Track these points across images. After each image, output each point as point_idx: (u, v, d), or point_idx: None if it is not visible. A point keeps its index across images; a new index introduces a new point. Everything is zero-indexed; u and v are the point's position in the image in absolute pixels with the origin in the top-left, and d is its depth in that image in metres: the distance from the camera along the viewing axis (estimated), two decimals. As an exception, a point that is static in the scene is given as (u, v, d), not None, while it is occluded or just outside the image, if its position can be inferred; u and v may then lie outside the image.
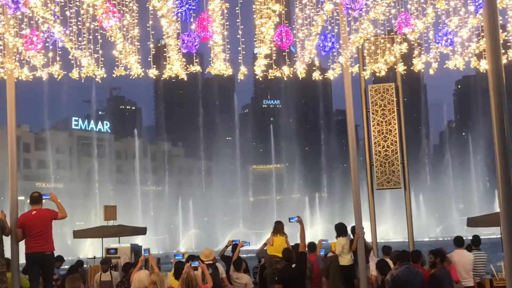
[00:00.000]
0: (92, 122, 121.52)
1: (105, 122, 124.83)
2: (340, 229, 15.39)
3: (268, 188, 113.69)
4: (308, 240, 16.29)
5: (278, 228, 15.89)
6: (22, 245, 13.05)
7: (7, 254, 13.01)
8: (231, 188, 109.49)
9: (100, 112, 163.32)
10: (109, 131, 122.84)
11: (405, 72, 14.73)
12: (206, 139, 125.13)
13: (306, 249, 15.23)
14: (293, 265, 14.01)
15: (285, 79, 14.26)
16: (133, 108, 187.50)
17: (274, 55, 13.59)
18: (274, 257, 15.19)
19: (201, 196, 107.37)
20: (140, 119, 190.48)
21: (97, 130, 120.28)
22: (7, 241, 12.86)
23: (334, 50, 13.95)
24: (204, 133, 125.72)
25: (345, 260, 15.17)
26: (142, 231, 28.02)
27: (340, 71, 14.16)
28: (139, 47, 13.15)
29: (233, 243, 17.95)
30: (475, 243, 16.69)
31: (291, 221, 15.51)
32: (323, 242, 17.14)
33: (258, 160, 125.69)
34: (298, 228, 15.05)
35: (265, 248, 16.02)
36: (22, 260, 13.11)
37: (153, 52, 13.36)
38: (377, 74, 14.40)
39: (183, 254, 15.06)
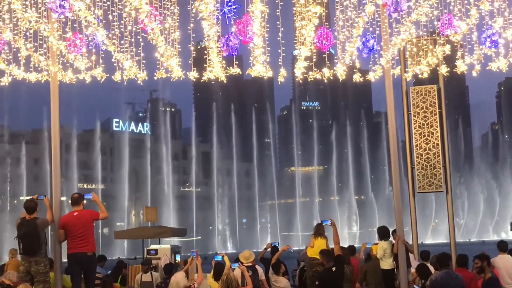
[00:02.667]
0: (133, 123, 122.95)
1: (145, 123, 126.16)
2: (382, 233, 15.26)
3: (307, 190, 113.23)
4: (348, 243, 16.20)
5: (319, 231, 15.83)
6: (64, 245, 13.23)
7: (50, 254, 13.23)
8: (269, 190, 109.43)
9: (140, 114, 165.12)
10: (149, 132, 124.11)
11: (447, 74, 14.52)
12: (244, 141, 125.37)
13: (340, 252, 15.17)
14: (333, 268, 13.94)
15: (325, 81, 14.19)
16: (173, 109, 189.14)
17: (314, 57, 13.55)
18: (314, 259, 15.12)
19: (239, 197, 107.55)
20: (180, 120, 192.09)
21: (138, 131, 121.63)
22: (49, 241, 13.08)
23: (375, 52, 13.84)
24: (243, 135, 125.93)
25: (387, 264, 15.03)
26: (181, 232, 28.23)
27: (382, 73, 14.03)
28: (180, 49, 13.25)
29: (272, 245, 17.95)
30: (519, 248, 16.34)
31: (324, 224, 15.47)
32: (367, 246, 17.01)
33: (297, 162, 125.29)
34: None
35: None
36: (65, 260, 13.30)
37: (194, 54, 13.43)
38: (420, 76, 14.22)
39: (223, 256, 15.10)
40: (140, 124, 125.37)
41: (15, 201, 78.89)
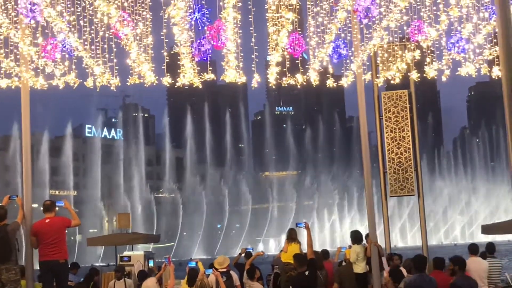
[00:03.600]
0: (105, 129, 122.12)
1: (118, 129, 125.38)
2: (355, 237, 15.37)
3: (282, 195, 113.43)
4: (321, 247, 16.31)
5: (292, 235, 15.89)
6: (36, 252, 13.10)
7: (21, 261, 13.08)
8: (244, 195, 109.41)
9: (113, 120, 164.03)
10: (122, 138, 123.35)
11: (418, 79, 14.71)
12: (218, 146, 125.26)
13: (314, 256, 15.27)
14: (306, 272, 14.01)
15: (299, 86, 14.28)
16: (146, 115, 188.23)
17: (288, 62, 13.62)
18: (288, 264, 15.17)
19: (213, 203, 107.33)
20: (153, 126, 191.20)
21: (110, 137, 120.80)
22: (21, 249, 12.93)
23: (346, 57, 13.97)
24: (216, 140, 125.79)
25: (359, 267, 15.13)
26: (155, 238, 28.10)
27: (353, 78, 14.16)
28: (153, 55, 13.23)
29: (246, 250, 17.97)
30: (490, 251, 16.56)
31: (298, 227, 15.56)
32: (342, 250, 17.11)
33: (271, 166, 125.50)
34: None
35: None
36: (36, 267, 13.16)
37: (167, 60, 13.41)
38: (391, 81, 14.38)
39: (197, 262, 15.07)
40: (112, 130, 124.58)
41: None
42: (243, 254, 17.81)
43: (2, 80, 12.99)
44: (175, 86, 13.76)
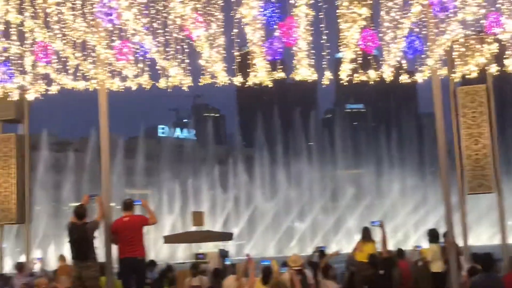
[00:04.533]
0: (177, 129, 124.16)
1: (189, 129, 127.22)
2: (432, 235, 15.07)
3: (353, 193, 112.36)
4: (396, 246, 16.09)
5: (366, 235, 15.74)
6: (115, 250, 13.41)
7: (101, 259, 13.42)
8: (314, 194, 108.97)
9: (184, 120, 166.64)
10: (194, 138, 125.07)
11: (497, 73, 14.22)
12: (288, 145, 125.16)
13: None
14: (381, 272, 13.84)
15: (372, 83, 14.07)
16: (217, 115, 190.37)
17: (360, 59, 13.46)
18: (363, 263, 15.02)
19: (285, 201, 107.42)
20: (224, 125, 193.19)
21: (183, 137, 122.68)
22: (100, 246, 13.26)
23: (421, 52, 13.68)
24: (286, 139, 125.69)
25: (436, 266, 14.82)
26: (228, 236, 28.36)
27: (429, 74, 13.84)
28: (224, 55, 13.32)
29: (320, 249, 17.91)
30: None
31: (373, 225, 15.41)
32: (417, 249, 16.83)
33: (341, 165, 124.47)
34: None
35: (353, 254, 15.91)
36: (115, 264, 13.47)
37: (238, 59, 13.47)
38: (467, 76, 13.98)
39: (271, 260, 15.09)
40: (184, 130, 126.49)
41: (65, 207, 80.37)
42: (316, 253, 17.77)
43: (80, 82, 13.38)
44: (246, 86, 13.81)
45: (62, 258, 18.11)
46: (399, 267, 15.81)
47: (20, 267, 18.22)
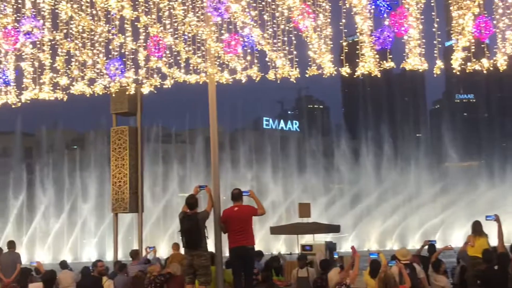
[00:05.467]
0: (282, 121, 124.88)
1: (294, 121, 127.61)
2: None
3: (464, 186, 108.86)
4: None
5: (478, 229, 15.24)
6: (225, 239, 13.69)
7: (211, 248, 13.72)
8: (423, 187, 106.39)
9: (289, 112, 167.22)
10: (298, 130, 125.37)
11: None
12: (395, 137, 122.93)
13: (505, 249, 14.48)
14: (495, 267, 13.37)
15: (485, 72, 13.56)
16: (321, 107, 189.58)
17: (473, 47, 12.99)
18: (476, 258, 14.55)
19: (392, 194, 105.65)
20: (328, 117, 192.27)
21: (287, 129, 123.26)
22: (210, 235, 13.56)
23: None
24: (393, 130, 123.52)
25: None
26: (335, 228, 28.26)
27: (548, 61, 13.16)
28: (331, 45, 13.24)
29: (430, 243, 17.52)
30: None
31: (488, 219, 14.91)
32: None
33: (451, 157, 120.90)
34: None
35: (465, 248, 15.45)
36: (225, 254, 13.76)
37: (346, 50, 13.34)
38: None
39: (378, 253, 14.92)
40: (289, 122, 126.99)
41: (175, 198, 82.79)
42: (425, 246, 17.41)
43: (191, 76, 13.72)
44: (354, 76, 13.66)
45: (175, 246, 18.68)
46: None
47: (134, 254, 18.96)
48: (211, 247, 13.58)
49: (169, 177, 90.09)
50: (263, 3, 12.58)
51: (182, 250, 14.65)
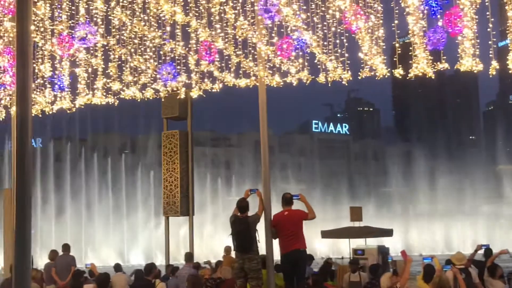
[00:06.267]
0: (331, 124, 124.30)
1: (344, 124, 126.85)
2: None
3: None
4: None
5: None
6: (275, 244, 13.62)
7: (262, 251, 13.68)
8: (478, 190, 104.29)
9: (338, 115, 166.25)
10: (347, 133, 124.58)
11: None
12: (448, 139, 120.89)
13: None
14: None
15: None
16: (371, 109, 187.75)
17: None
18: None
19: (443, 197, 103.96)
20: (378, 120, 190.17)
21: (337, 132, 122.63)
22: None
23: None
24: (445, 133, 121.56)
25: None
26: (388, 232, 27.92)
27: None
28: (384, 47, 13.08)
29: (483, 247, 17.15)
30: None
31: None
32: None
33: (506, 159, 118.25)
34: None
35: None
36: (276, 257, 13.69)
37: (399, 51, 13.16)
38: None
39: (432, 257, 14.64)
40: (338, 125, 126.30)
41: (224, 201, 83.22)
42: (479, 251, 17.03)
43: (241, 80, 13.74)
44: (408, 78, 13.46)
45: (227, 249, 18.72)
46: None
47: (189, 257, 19.06)
48: (262, 250, 13.54)
49: (220, 180, 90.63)
50: (314, 5, 12.50)
51: (233, 254, 14.67)
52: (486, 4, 12.50)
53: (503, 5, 12.51)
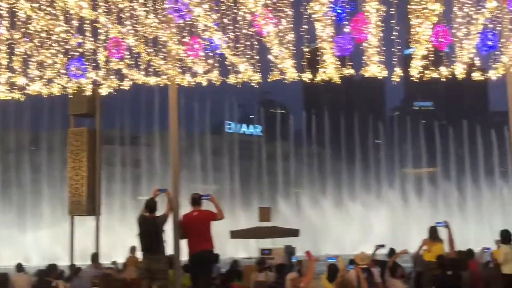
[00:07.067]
0: (244, 125, 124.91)
1: (256, 125, 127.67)
2: (504, 237, 14.68)
3: (419, 192, 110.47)
4: (465, 247, 15.78)
5: (435, 234, 15.47)
6: (183, 244, 13.57)
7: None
8: (382, 192, 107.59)
9: (251, 116, 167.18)
10: (260, 134, 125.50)
11: None
12: (354, 142, 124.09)
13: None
14: (449, 272, 13.62)
15: (443, 80, 13.80)
16: (283, 111, 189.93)
17: (431, 55, 13.21)
18: (431, 263, 14.76)
19: (349, 199, 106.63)
20: (290, 122, 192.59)
21: (249, 133, 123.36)
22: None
23: (495, 49, 13.30)
24: (352, 136, 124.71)
25: (508, 268, 14.42)
26: (294, 232, 28.36)
27: (503, 71, 13.44)
28: (294, 51, 13.32)
29: (380, 247, 17.65)
30: None
31: (438, 226, 15.13)
32: (485, 251, 16.43)
33: (409, 163, 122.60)
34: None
35: (421, 253, 15.66)
36: (184, 257, 13.64)
37: (307, 56, 13.44)
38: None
39: (337, 257, 14.99)
40: (251, 126, 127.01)
41: (133, 201, 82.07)
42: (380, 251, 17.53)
43: (151, 78, 13.62)
44: (314, 82, 13.75)
45: (132, 249, 18.49)
46: (470, 268, 15.46)
47: (93, 257, 18.70)
48: (169, 251, 13.46)
49: (130, 180, 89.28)
50: (224, 6, 12.55)
51: (139, 254, 14.51)
52: (392, 13, 12.95)
53: (408, 14, 12.99)
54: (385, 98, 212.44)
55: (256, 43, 12.98)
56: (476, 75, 13.68)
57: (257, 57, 13.27)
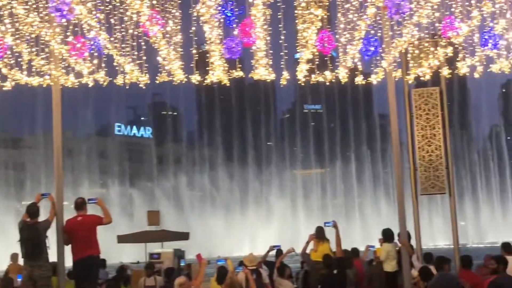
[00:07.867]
0: (134, 127, 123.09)
1: (147, 127, 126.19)
2: (386, 235, 15.26)
3: (309, 193, 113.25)
4: (351, 245, 16.26)
5: (321, 234, 15.82)
6: (67, 250, 13.19)
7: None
8: (273, 193, 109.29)
9: (142, 118, 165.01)
10: (151, 136, 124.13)
11: (450, 76, 14.51)
12: (247, 144, 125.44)
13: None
14: (335, 272, 14.00)
15: (328, 83, 14.20)
16: (175, 113, 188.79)
17: (317, 60, 13.55)
18: (318, 263, 15.09)
19: (241, 200, 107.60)
20: (182, 124, 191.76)
21: (140, 135, 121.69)
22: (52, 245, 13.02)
23: (377, 54, 13.84)
24: (245, 138, 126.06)
25: (390, 266, 15.00)
26: (184, 236, 28.21)
27: (383, 76, 14.02)
28: (182, 53, 13.26)
29: (274, 247, 17.90)
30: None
31: (326, 226, 15.52)
32: (370, 248, 17.00)
33: (300, 165, 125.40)
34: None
35: (307, 252, 15.96)
36: (68, 264, 13.25)
37: (196, 58, 13.43)
38: (421, 78, 14.22)
39: (226, 260, 15.05)
40: (142, 128, 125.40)
41: (17, 205, 78.90)
42: (271, 252, 17.76)
43: (33, 78, 13.12)
44: (204, 84, 13.77)
45: (14, 257, 17.71)
46: (354, 267, 15.94)
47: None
48: (52, 257, 13.03)
49: (13, 184, 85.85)
50: (110, 6, 12.29)
51: (20, 261, 13.95)
52: (279, 17, 13.18)
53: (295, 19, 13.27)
54: (276, 101, 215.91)
55: (143, 44, 12.81)
56: (359, 79, 14.17)
57: (145, 58, 13.12)
